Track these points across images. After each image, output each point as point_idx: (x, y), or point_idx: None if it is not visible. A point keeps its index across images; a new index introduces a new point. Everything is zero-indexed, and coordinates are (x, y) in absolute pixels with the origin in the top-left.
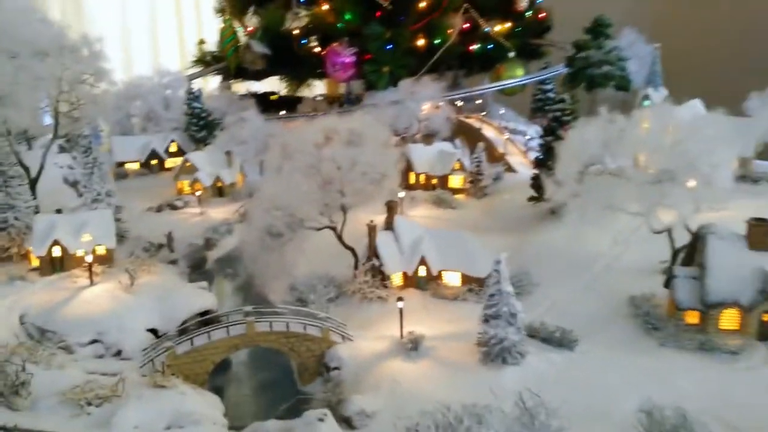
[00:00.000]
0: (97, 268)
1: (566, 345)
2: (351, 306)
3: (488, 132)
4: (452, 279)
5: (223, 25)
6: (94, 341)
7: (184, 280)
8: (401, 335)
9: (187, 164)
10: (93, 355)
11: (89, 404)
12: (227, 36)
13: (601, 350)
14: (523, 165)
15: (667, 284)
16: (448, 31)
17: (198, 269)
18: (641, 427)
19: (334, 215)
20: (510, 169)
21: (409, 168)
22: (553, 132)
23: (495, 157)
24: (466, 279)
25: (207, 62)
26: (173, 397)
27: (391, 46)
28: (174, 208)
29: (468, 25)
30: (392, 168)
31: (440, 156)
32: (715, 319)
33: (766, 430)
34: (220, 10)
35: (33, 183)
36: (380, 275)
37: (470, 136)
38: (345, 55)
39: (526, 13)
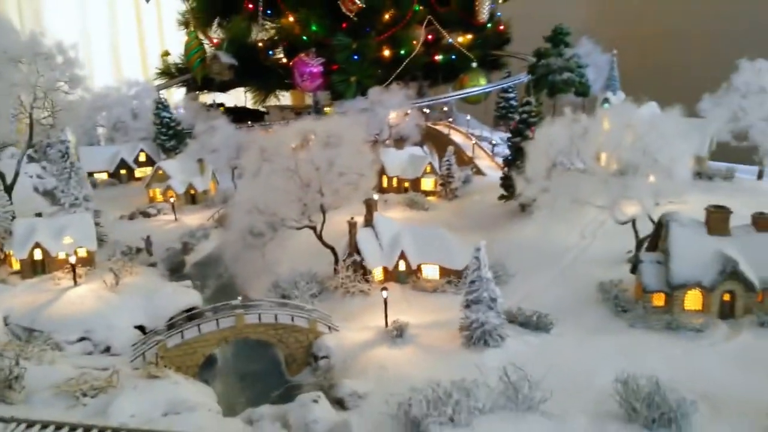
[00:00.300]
0: (79, 270)
1: (543, 328)
2: (334, 300)
3: (456, 137)
4: (431, 272)
5: (187, 37)
6: (82, 339)
7: (166, 281)
8: (386, 324)
9: (159, 172)
10: (82, 352)
11: (84, 395)
12: (192, 48)
13: (576, 332)
14: (490, 168)
15: (634, 270)
16: (413, 42)
17: (176, 272)
18: (618, 395)
19: (314, 215)
20: (479, 171)
21: (381, 172)
22: (520, 133)
23: (464, 160)
24: (445, 272)
25: (171, 74)
26: (167, 386)
27: (357, 56)
28: (147, 215)
29: (431, 36)
30: (368, 168)
31: (411, 160)
32: (680, 300)
33: (729, 395)
34: (184, 23)
35: (8, 189)
36: (362, 270)
37: (439, 142)
38: (312, 65)
39: (487, 26)
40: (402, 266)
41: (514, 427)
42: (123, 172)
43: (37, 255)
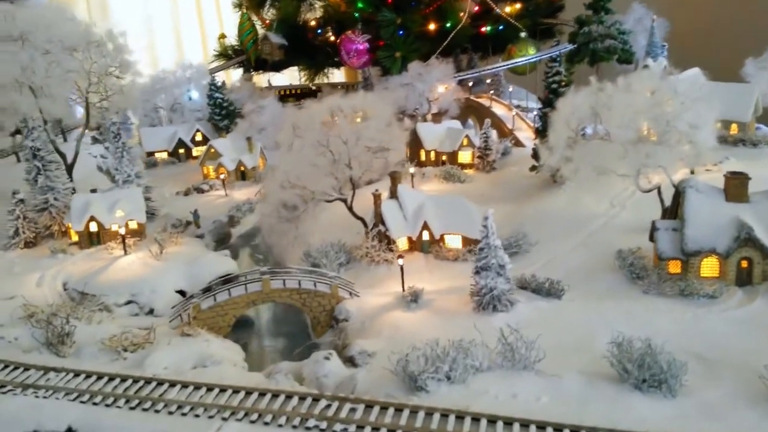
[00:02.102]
0: (129, 240)
1: (554, 294)
2: (360, 269)
3: (498, 109)
4: (453, 241)
5: (240, 19)
6: (129, 302)
7: (208, 250)
8: (403, 290)
9: (211, 151)
10: (129, 313)
11: (125, 350)
12: (245, 29)
13: (587, 298)
14: (530, 140)
15: (651, 237)
16: (459, 14)
17: (222, 243)
18: (611, 356)
19: (345, 188)
20: (518, 143)
21: (419, 145)
22: (550, 103)
23: (504, 132)
24: (466, 241)
25: (228, 56)
26: (199, 343)
27: (402, 32)
28: (200, 191)
29: (478, 8)
30: (396, 143)
31: (449, 133)
32: (696, 267)
33: (728, 358)
34: (238, 5)
35: (69, 168)
36: (386, 240)
37: (481, 115)
38: (358, 42)
39: None
40: (425, 236)
41: (509, 384)
42: (181, 151)
43: (93, 227)
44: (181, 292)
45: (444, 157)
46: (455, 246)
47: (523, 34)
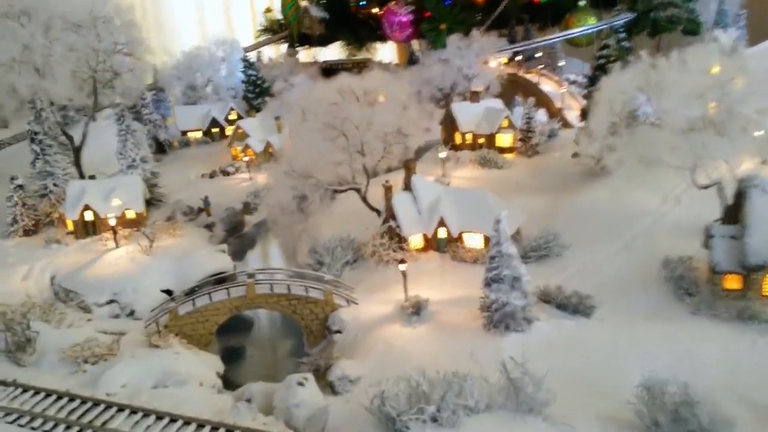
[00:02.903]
0: (124, 232)
1: (582, 311)
2: (366, 269)
3: (546, 86)
4: (473, 241)
5: None
6: (111, 301)
7: (210, 243)
8: (405, 299)
9: (239, 131)
10: (109, 314)
11: (86, 362)
12: (288, 2)
13: (622, 317)
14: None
15: (706, 244)
16: None
17: (234, 233)
18: (638, 403)
19: (358, 176)
20: (567, 124)
21: (454, 127)
22: (595, 81)
23: (552, 112)
24: (489, 241)
25: (274, 30)
26: (165, 356)
27: (448, 1)
28: (226, 174)
29: None
30: (414, 127)
31: (487, 114)
32: (759, 285)
33: None
34: None
35: (77, 151)
36: (397, 237)
37: (527, 92)
38: (402, 14)
39: None
40: (442, 233)
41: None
42: (215, 130)
43: (88, 216)
44: (168, 292)
45: (481, 140)
46: (475, 246)
47: (582, 3)
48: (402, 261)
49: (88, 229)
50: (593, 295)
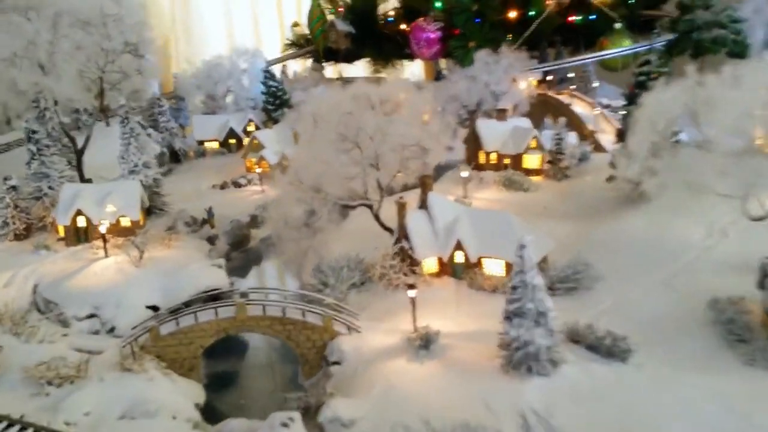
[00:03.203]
0: (117, 240)
1: (617, 355)
2: (374, 293)
3: (578, 108)
4: (494, 267)
5: (311, 5)
6: (91, 315)
7: (209, 257)
8: (413, 330)
9: (255, 142)
10: (89, 330)
11: (50, 384)
12: (315, 16)
13: (662, 364)
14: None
15: (762, 284)
16: (545, 2)
17: (239, 247)
18: None
19: (371, 192)
20: (599, 148)
21: (478, 146)
22: (634, 99)
23: (584, 134)
24: (511, 267)
25: (300, 45)
26: (138, 383)
27: (479, 19)
28: (238, 185)
29: None
30: (434, 142)
31: (514, 133)
32: None
33: None
34: None
35: (79, 154)
36: (409, 259)
37: (557, 113)
38: (429, 30)
39: None
40: (459, 258)
41: None
42: (232, 141)
43: (80, 222)
44: (154, 308)
45: (507, 161)
46: (496, 273)
47: (618, 25)
48: (411, 286)
49: (79, 235)
50: (629, 337)
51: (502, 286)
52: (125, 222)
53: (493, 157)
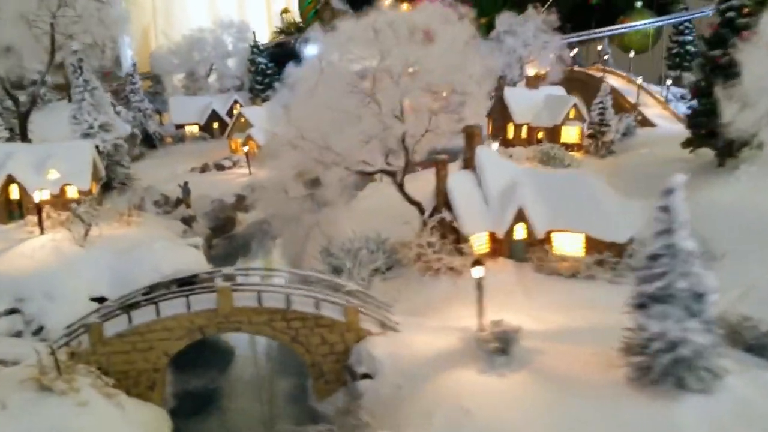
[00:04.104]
0: (59, 215)
1: None
2: (408, 280)
3: (613, 82)
4: (569, 244)
5: None
6: (11, 311)
7: (182, 238)
8: (480, 327)
9: (241, 120)
10: (7, 331)
11: None
12: None
13: None
14: (663, 118)
15: None
16: None
17: (222, 233)
18: None
19: (393, 156)
20: (645, 122)
21: (506, 118)
22: (722, 41)
23: (624, 107)
24: (593, 245)
25: (290, 33)
26: (62, 409)
27: None
28: (221, 168)
29: None
30: (475, 85)
31: (548, 103)
32: None
33: None
34: None
35: (23, 118)
36: (454, 236)
37: (589, 89)
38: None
39: None
40: (519, 233)
41: None
42: (215, 125)
43: (14, 193)
44: (101, 300)
45: (540, 134)
46: (572, 251)
47: (638, 4)
48: (477, 262)
49: (11, 209)
50: None
51: (585, 269)
52: (72, 192)
53: (524, 130)
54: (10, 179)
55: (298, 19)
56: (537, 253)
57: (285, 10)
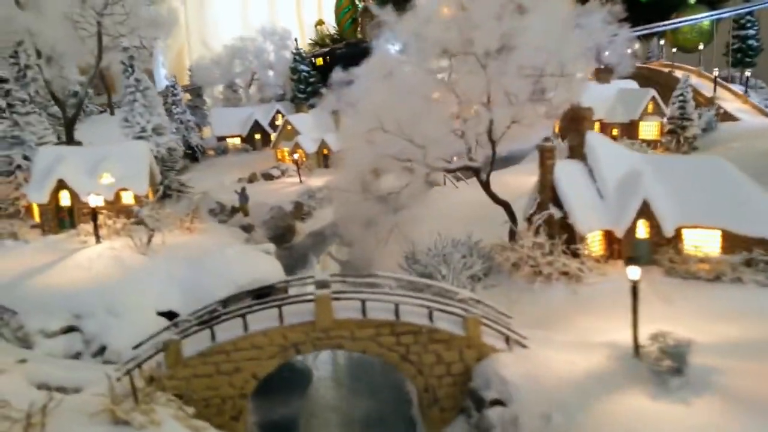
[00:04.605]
0: (116, 222)
1: None
2: (511, 288)
3: (681, 76)
4: (704, 242)
5: None
6: (69, 329)
7: (243, 242)
8: (635, 343)
9: (288, 128)
10: (65, 352)
11: None
12: (343, 7)
13: None
14: (745, 111)
15: None
16: None
17: (282, 242)
18: None
19: (478, 151)
20: (727, 116)
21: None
22: None
23: (699, 102)
24: (732, 242)
25: (325, 45)
26: None
27: None
28: (269, 177)
29: None
30: (575, 63)
31: (622, 97)
32: None
33: None
34: None
35: (69, 122)
36: (565, 235)
37: (656, 84)
38: None
39: None
40: (641, 231)
41: None
42: (257, 137)
43: (65, 200)
44: (169, 315)
45: (615, 131)
46: (708, 250)
47: (692, 0)
48: (631, 260)
49: (62, 217)
50: None
51: (730, 269)
52: (127, 198)
53: (597, 126)
54: (61, 185)
55: (333, 31)
56: (667, 254)
57: (320, 22)
